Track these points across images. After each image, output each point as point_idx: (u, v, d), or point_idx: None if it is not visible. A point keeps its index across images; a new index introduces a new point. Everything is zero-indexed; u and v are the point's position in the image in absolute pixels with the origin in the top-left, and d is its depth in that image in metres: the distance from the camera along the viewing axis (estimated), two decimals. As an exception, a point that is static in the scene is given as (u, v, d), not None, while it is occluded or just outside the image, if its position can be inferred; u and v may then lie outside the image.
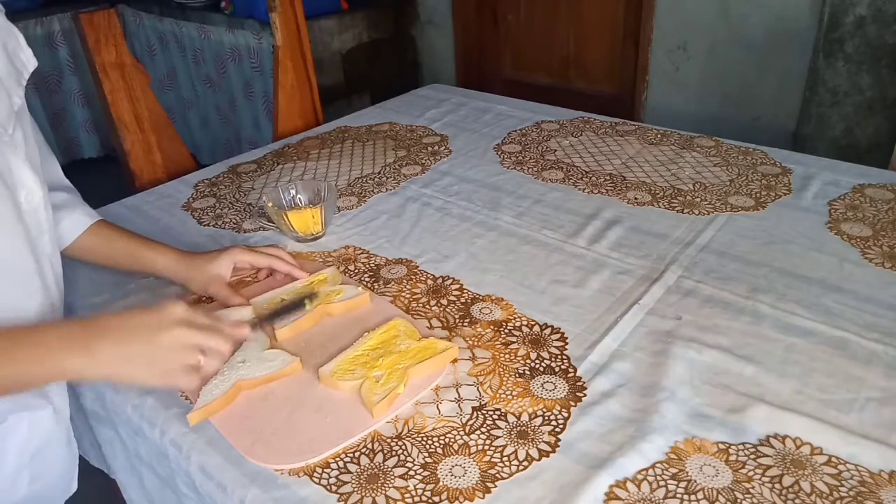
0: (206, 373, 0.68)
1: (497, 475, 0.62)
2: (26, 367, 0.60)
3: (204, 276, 0.87)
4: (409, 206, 1.14)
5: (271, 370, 0.74)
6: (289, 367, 0.74)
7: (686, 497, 0.59)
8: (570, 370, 0.74)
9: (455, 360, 0.76)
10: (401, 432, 0.67)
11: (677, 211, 1.07)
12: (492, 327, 0.82)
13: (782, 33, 1.98)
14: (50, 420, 0.73)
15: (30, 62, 0.72)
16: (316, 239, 1.04)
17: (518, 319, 0.83)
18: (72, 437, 0.79)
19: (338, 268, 0.95)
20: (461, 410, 0.69)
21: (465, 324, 0.82)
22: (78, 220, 0.86)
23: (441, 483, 0.61)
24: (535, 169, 1.25)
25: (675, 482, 0.60)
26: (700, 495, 0.59)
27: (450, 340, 0.79)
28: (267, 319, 0.79)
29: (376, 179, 1.25)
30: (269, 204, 1.03)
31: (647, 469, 0.62)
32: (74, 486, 0.81)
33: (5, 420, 0.69)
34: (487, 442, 0.65)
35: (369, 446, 0.66)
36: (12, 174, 0.65)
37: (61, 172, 0.86)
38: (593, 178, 1.20)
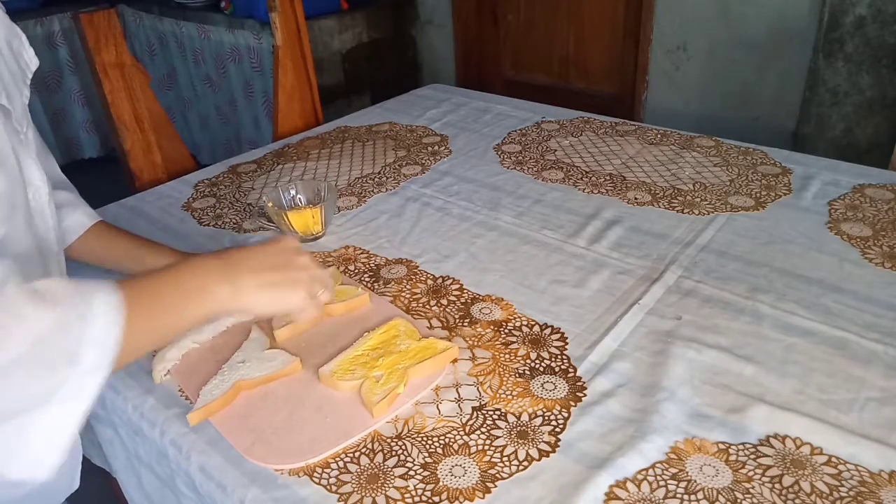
0: (319, 304, 0.69)
1: (497, 475, 0.62)
2: (178, 304, 0.59)
3: None
4: (409, 206, 1.14)
5: (271, 370, 0.74)
6: (289, 367, 0.74)
7: (686, 497, 0.59)
8: (570, 370, 0.74)
9: (455, 361, 0.76)
10: (401, 432, 0.67)
11: (677, 211, 1.07)
12: (492, 327, 0.82)
13: (782, 33, 1.98)
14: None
15: (32, 62, 0.72)
16: (316, 239, 1.04)
17: (518, 319, 0.83)
18: (77, 434, 0.78)
19: (338, 268, 0.95)
20: (461, 410, 0.69)
21: (465, 324, 0.82)
22: (78, 221, 0.85)
23: (441, 483, 0.61)
24: (535, 169, 1.25)
25: (675, 482, 0.60)
26: (700, 495, 0.59)
27: (450, 340, 0.79)
28: None
29: (376, 179, 1.25)
30: (269, 204, 1.03)
31: (647, 469, 0.62)
32: (77, 484, 0.80)
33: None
34: (487, 442, 0.65)
35: (369, 446, 0.66)
36: (22, 172, 0.66)
37: (59, 170, 0.86)
38: (593, 178, 1.20)
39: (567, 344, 0.78)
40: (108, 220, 0.89)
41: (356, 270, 0.95)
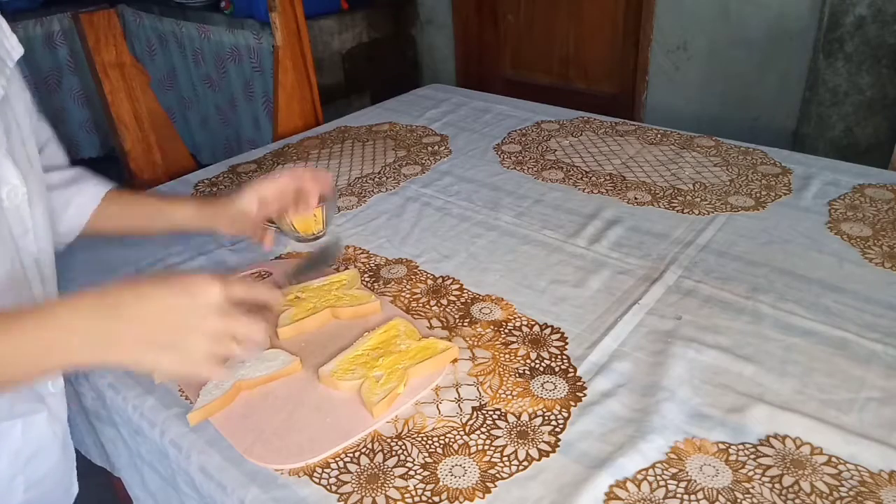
0: (238, 361, 0.63)
1: (497, 475, 0.62)
2: (28, 355, 0.51)
3: (230, 214, 0.85)
4: (409, 206, 1.14)
5: (271, 370, 0.74)
6: (289, 367, 0.74)
7: (686, 497, 0.59)
8: (570, 370, 0.74)
9: (455, 361, 0.76)
10: (401, 432, 0.67)
11: (677, 211, 1.07)
12: (492, 327, 0.82)
13: (782, 33, 1.98)
14: (44, 424, 0.70)
15: (15, 50, 0.66)
16: (317, 239, 1.04)
17: (518, 319, 0.83)
18: (68, 441, 0.76)
19: (343, 268, 0.95)
20: (461, 410, 0.69)
21: (465, 324, 0.82)
22: (92, 194, 0.83)
23: (441, 483, 0.61)
24: (535, 169, 1.25)
25: (675, 482, 0.60)
26: (700, 495, 0.59)
27: (450, 340, 0.79)
28: (294, 276, 0.79)
29: (376, 179, 1.25)
30: None
31: (647, 469, 0.62)
32: (75, 489, 0.79)
33: None
34: (487, 442, 0.65)
35: (369, 446, 0.66)
36: None
37: (65, 157, 0.83)
38: (593, 178, 1.20)
39: (567, 344, 0.78)
40: (129, 191, 0.90)
41: (356, 269, 0.95)
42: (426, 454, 0.65)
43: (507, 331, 0.81)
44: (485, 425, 0.67)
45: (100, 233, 0.85)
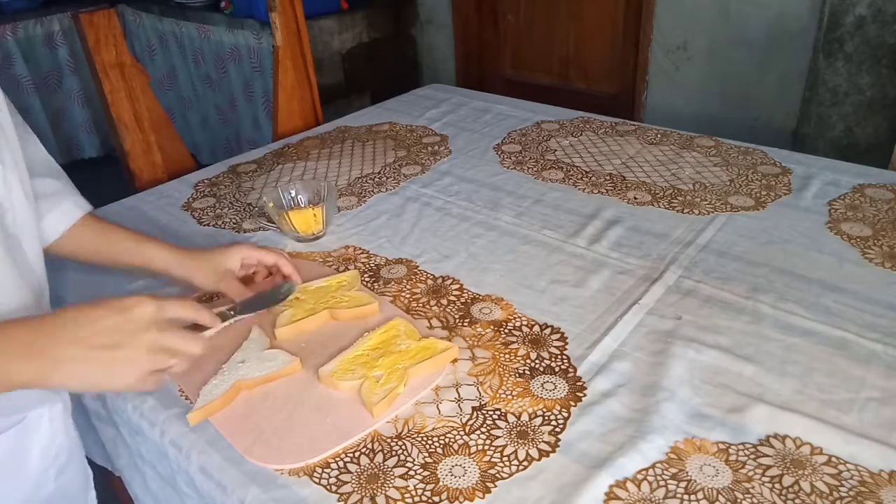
0: (172, 374, 0.63)
1: (497, 475, 0.62)
2: None
3: (215, 272, 0.82)
4: (409, 206, 1.13)
5: (271, 370, 0.74)
6: (289, 367, 0.74)
7: (686, 497, 0.59)
8: (570, 370, 0.74)
9: (455, 361, 0.76)
10: (401, 432, 0.67)
11: (677, 211, 1.07)
12: (492, 327, 0.82)
13: (782, 33, 1.97)
14: (62, 415, 0.73)
15: None
16: (317, 238, 1.04)
17: (518, 319, 0.83)
18: (71, 429, 0.77)
19: (340, 269, 0.95)
20: (461, 410, 0.69)
21: (465, 324, 0.82)
22: (66, 213, 0.78)
23: (441, 483, 0.61)
24: (535, 169, 1.25)
25: (675, 482, 0.60)
26: (700, 495, 0.59)
27: (450, 340, 0.79)
28: (241, 310, 0.75)
29: (376, 179, 1.25)
30: (270, 204, 1.03)
31: (647, 469, 0.62)
32: (91, 473, 0.80)
33: (24, 418, 0.68)
34: (487, 442, 0.65)
35: (369, 446, 0.66)
36: None
37: (47, 155, 0.78)
38: (593, 178, 1.20)
39: (567, 344, 0.78)
40: (107, 219, 0.87)
41: (356, 270, 0.95)
42: (426, 454, 0.65)
43: (507, 331, 0.81)
44: (485, 425, 0.67)
45: (65, 256, 0.80)
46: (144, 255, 0.81)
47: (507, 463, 0.63)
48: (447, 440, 0.66)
